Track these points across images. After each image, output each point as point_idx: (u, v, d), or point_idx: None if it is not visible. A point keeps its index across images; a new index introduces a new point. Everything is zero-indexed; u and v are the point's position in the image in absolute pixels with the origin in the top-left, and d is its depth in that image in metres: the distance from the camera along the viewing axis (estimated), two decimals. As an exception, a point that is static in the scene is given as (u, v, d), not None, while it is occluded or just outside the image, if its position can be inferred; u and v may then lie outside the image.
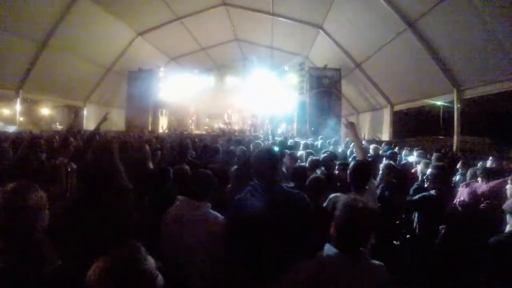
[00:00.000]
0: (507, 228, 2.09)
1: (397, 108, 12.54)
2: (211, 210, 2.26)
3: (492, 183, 3.14)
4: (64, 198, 2.59)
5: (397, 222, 3.70)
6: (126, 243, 1.00)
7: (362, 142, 3.19)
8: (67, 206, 2.29)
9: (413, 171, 5.03)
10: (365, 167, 2.72)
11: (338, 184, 3.54)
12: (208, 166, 3.45)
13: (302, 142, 6.78)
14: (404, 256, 3.18)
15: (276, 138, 8.12)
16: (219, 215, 2.24)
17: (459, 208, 3.07)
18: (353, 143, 5.21)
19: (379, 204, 2.95)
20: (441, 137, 16.42)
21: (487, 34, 6.74)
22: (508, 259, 1.85)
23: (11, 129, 12.29)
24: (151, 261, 0.99)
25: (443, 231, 2.58)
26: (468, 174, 4.29)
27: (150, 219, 2.45)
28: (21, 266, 1.30)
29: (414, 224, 3.31)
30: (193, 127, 16.74)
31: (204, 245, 2.11)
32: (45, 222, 1.48)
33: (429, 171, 3.32)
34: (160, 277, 1.01)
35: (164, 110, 15.74)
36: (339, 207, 1.45)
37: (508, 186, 2.92)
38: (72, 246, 1.90)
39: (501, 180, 3.09)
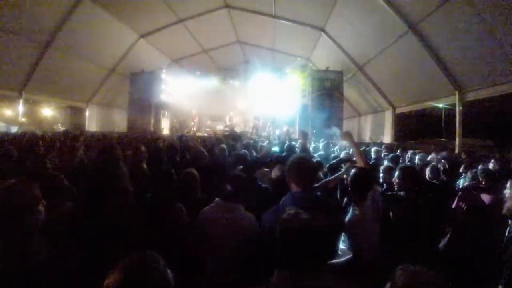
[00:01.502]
0: None
1: (399, 110, 12.54)
2: (244, 211, 2.32)
3: (495, 195, 3.08)
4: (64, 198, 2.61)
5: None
6: (144, 252, 0.99)
7: (360, 150, 3.00)
8: (70, 207, 2.30)
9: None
10: (366, 175, 2.51)
11: None
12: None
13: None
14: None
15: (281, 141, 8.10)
16: (252, 216, 2.30)
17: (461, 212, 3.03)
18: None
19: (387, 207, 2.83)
20: (443, 139, 16.38)
21: (489, 36, 6.75)
22: None
23: (13, 130, 12.33)
24: (168, 270, 0.99)
25: (448, 236, 2.53)
26: (468, 175, 4.29)
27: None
28: (11, 263, 1.31)
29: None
30: (195, 129, 16.76)
31: (238, 245, 2.17)
32: (40, 220, 1.48)
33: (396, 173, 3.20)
34: None
35: (166, 112, 15.78)
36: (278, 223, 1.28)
37: (507, 190, 2.88)
38: (74, 246, 1.92)
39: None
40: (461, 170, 5.04)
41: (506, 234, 2.17)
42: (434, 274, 0.95)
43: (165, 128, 15.09)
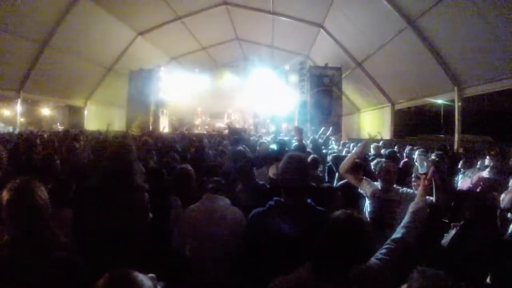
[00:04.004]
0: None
1: (398, 106, 12.52)
2: (228, 204, 2.38)
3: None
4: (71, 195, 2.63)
5: None
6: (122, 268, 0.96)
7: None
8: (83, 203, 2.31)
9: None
10: (394, 167, 2.86)
11: None
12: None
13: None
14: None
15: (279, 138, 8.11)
16: (237, 210, 2.35)
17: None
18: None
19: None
20: (442, 135, 16.40)
21: (488, 32, 6.73)
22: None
23: (12, 130, 12.30)
24: (148, 283, 0.96)
25: (453, 231, 2.52)
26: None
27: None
28: (26, 256, 1.32)
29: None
30: (200, 126, 16.76)
31: (222, 237, 2.19)
32: (49, 218, 1.50)
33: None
34: None
35: (165, 110, 15.76)
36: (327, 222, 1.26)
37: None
38: (87, 243, 1.93)
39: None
40: (459, 166, 5.06)
41: (510, 230, 2.18)
42: (449, 277, 0.96)
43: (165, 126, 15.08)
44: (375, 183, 2.96)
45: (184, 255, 2.32)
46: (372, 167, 3.87)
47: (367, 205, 2.95)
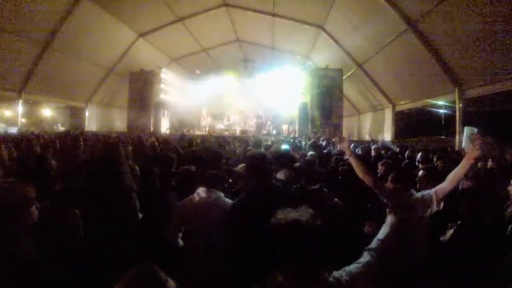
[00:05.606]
0: None
1: (399, 108, 12.51)
2: (223, 197, 2.43)
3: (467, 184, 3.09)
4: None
5: None
6: (143, 264, 0.95)
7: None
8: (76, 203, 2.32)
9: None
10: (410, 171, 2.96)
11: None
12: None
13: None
14: None
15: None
16: (229, 201, 2.39)
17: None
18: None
19: None
20: (443, 137, 16.36)
21: (489, 33, 6.72)
22: None
23: (13, 130, 12.32)
24: (171, 283, 0.94)
25: (452, 230, 2.51)
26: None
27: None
28: None
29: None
30: (207, 128, 16.75)
31: (215, 227, 2.20)
32: (32, 221, 1.49)
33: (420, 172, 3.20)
34: None
35: (166, 111, 15.78)
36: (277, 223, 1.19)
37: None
38: (78, 242, 1.94)
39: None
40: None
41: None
42: None
43: (166, 127, 15.11)
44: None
45: (177, 247, 2.36)
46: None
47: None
